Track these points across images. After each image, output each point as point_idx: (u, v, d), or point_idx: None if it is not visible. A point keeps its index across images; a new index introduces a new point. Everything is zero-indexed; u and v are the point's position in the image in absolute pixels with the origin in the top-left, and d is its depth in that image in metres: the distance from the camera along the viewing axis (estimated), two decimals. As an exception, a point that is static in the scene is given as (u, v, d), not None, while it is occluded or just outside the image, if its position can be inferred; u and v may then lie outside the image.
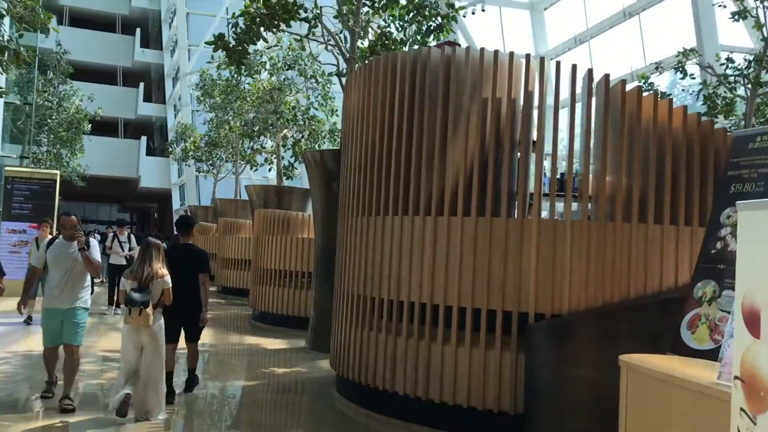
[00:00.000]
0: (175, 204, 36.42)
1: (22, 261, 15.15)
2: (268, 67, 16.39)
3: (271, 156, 17.75)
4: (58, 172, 15.78)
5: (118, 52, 39.64)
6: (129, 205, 57.52)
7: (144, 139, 38.46)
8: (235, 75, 16.42)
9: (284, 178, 16.94)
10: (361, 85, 6.43)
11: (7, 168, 15.61)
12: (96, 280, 11.85)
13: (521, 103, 5.37)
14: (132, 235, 13.30)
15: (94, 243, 5.97)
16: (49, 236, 11.44)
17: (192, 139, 27.75)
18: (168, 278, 5.62)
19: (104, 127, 39.23)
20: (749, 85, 10.35)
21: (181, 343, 6.39)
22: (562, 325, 4.74)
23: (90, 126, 25.14)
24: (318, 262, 9.64)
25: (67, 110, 22.67)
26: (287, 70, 16.31)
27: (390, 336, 5.61)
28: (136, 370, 5.47)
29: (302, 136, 17.44)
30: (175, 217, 35.95)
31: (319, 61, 16.71)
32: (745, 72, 10.32)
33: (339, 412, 6.14)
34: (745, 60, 10.22)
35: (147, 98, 40.21)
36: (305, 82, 16.77)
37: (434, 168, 5.50)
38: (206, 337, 7.89)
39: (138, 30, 40.14)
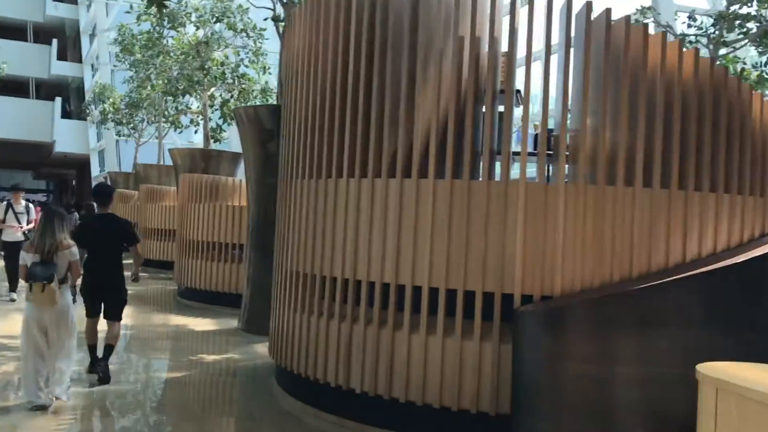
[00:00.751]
0: (95, 170, 34.12)
1: None
2: (193, 19, 14.94)
3: (197, 117, 16.34)
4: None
5: (29, 4, 36.51)
6: (44, 171, 54.06)
7: (59, 100, 35.63)
8: (157, 28, 14.89)
9: (212, 141, 15.61)
10: (305, 27, 5.38)
11: None
12: None
13: (505, 43, 4.48)
14: (31, 205, 10.57)
15: None
16: None
17: (111, 100, 25.81)
18: (75, 249, 5.12)
19: (13, 86, 36.32)
20: (711, 46, 9.83)
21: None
22: (559, 309, 3.93)
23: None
24: (252, 232, 8.59)
25: None
26: (215, 23, 14.92)
27: (344, 323, 4.69)
28: (42, 353, 4.94)
29: (231, 96, 16.13)
30: (95, 185, 33.98)
31: (249, 18, 15.43)
32: (708, 31, 9.77)
33: (282, 411, 5.20)
34: (711, 17, 9.66)
35: (62, 57, 37.29)
36: (234, 37, 15.42)
37: (399, 121, 4.56)
38: (126, 316, 6.98)
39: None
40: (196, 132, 17.52)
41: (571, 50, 4.23)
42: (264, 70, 15.84)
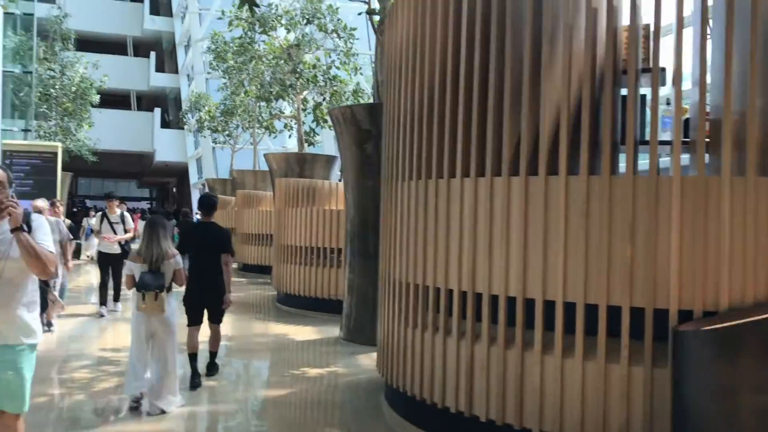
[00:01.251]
0: (193, 178, 35.08)
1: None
2: (284, 22, 14.81)
3: (291, 122, 16.25)
4: (59, 144, 14.46)
5: (128, 20, 38.04)
6: (147, 180, 56.52)
7: (158, 111, 36.93)
8: (248, 33, 14.87)
9: (305, 145, 15.46)
10: (409, 14, 4.89)
11: (4, 142, 14.31)
12: (54, 283, 8.01)
13: (648, 13, 3.82)
14: (126, 214, 10.11)
15: (41, 221, 3.20)
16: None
17: (207, 108, 26.34)
18: (179, 258, 5.23)
19: (116, 100, 37.96)
20: None
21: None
22: (735, 329, 3.24)
23: (98, 97, 23.74)
24: (351, 237, 8.20)
25: (71, 79, 21.24)
26: (306, 24, 14.73)
27: (464, 341, 4.16)
28: (147, 361, 5.06)
29: (324, 99, 15.92)
30: (194, 192, 34.85)
31: (340, 18, 15.16)
32: None
33: (395, 436, 4.73)
34: None
35: (160, 69, 38.65)
36: (325, 38, 15.19)
37: (522, 110, 3.98)
38: (227, 325, 6.92)
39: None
40: (290, 136, 17.42)
41: (734, 17, 3.53)
42: (355, 71, 15.53)
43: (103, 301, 9.48)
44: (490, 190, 4.06)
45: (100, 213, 9.75)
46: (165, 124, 38.17)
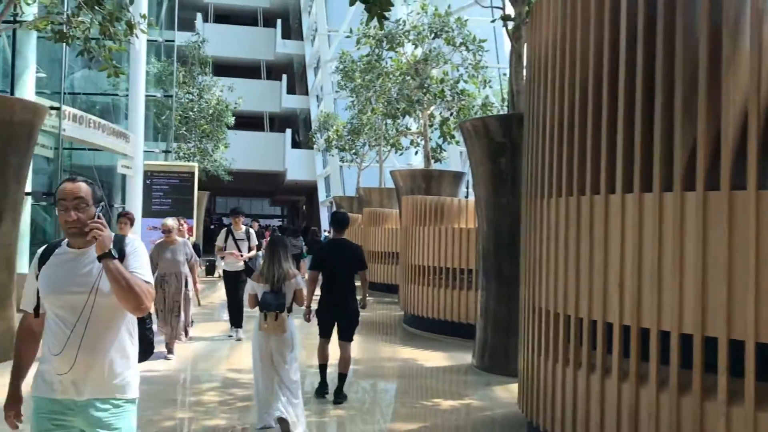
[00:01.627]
0: (321, 196, 35.92)
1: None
2: (411, 37, 14.65)
3: (417, 138, 16.03)
4: (196, 165, 15.05)
5: (261, 45, 39.80)
6: (279, 198, 58.77)
7: (289, 132, 38.28)
8: (376, 50, 14.83)
9: (432, 161, 15.17)
10: (556, 15, 4.42)
11: (145, 162, 15.07)
12: (154, 323, 6.39)
13: None
14: (251, 230, 9.46)
15: (136, 245, 2.57)
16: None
17: (335, 127, 26.82)
18: (300, 278, 5.24)
19: (250, 122, 39.70)
20: None
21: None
22: None
23: (233, 119, 24.77)
24: (484, 257, 7.73)
25: (208, 102, 22.29)
26: (433, 39, 14.49)
27: (626, 383, 3.59)
28: (273, 386, 4.93)
29: (451, 114, 15.58)
30: (321, 209, 35.64)
31: (468, 31, 14.81)
32: None
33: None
34: None
35: (290, 91, 40.09)
36: (453, 51, 14.86)
37: (698, 115, 3.40)
38: (354, 347, 6.72)
39: (279, 21, 40.04)
40: (416, 153, 17.21)
41: None
42: (484, 84, 15.07)
43: (234, 323, 9.28)
44: (658, 207, 3.49)
45: (224, 229, 9.41)
46: (295, 144, 39.43)
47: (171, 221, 7.91)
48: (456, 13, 15.06)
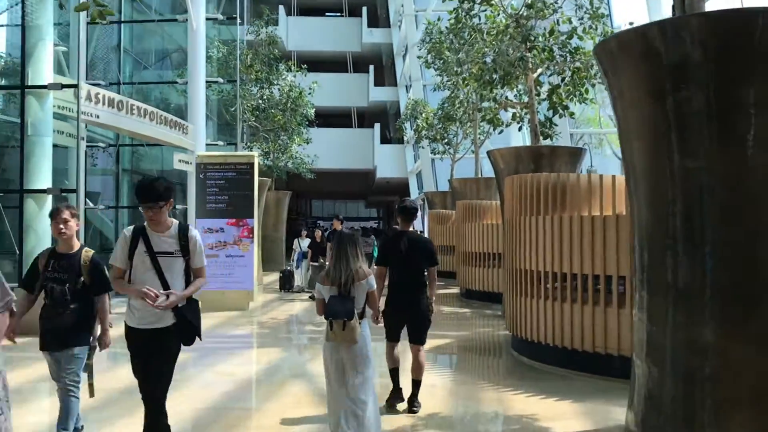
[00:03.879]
0: (413, 193, 33.14)
1: (221, 267, 12.32)
2: (510, -16, 11.66)
3: (521, 111, 12.98)
4: (255, 153, 12.69)
5: (347, 36, 37.48)
6: (373, 199, 56.42)
7: (377, 126, 35.65)
8: (465, 3, 11.91)
9: (541, 138, 12.06)
10: None
11: (198, 154, 12.83)
12: None
13: None
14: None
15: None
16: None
17: (424, 115, 24.07)
18: (372, 279, 4.57)
19: (337, 118, 37.53)
20: None
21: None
22: None
23: (313, 110, 22.45)
24: (645, 259, 4.71)
25: (282, 89, 19.84)
26: (539, -19, 11.43)
27: None
28: (344, 395, 4.34)
29: (562, 80, 12.43)
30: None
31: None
32: None
33: None
34: None
35: (379, 83, 37.53)
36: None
37: None
38: (437, 385, 5.69)
39: (365, 9, 37.55)
40: (520, 128, 13.95)
41: None
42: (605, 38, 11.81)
43: None
44: None
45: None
46: (385, 140, 36.91)
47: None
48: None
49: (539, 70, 12.14)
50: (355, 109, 37.46)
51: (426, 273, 5.57)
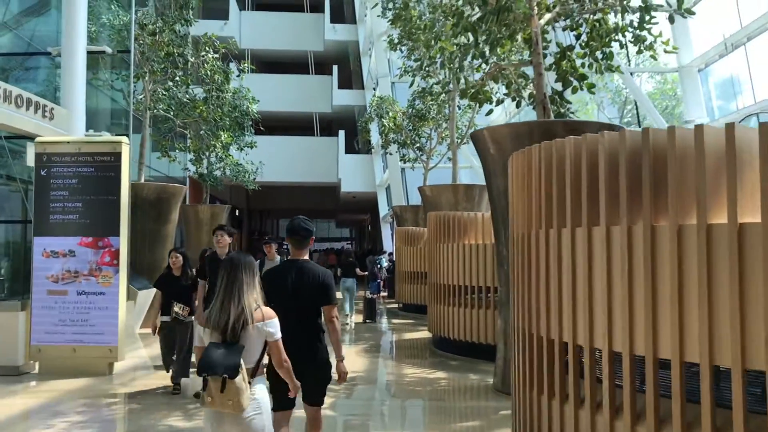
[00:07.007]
0: (382, 209, 29.01)
1: (72, 310, 8.16)
2: None
3: (517, 80, 8.92)
4: (123, 139, 8.51)
5: (308, 34, 33.46)
6: (343, 218, 52.03)
7: (342, 134, 31.44)
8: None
9: (551, 113, 8.02)
10: None
11: (38, 140, 8.62)
12: None
13: None
14: None
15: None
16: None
17: (391, 114, 20.14)
18: (276, 322, 3.37)
19: (296, 124, 33.46)
20: None
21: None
22: None
23: (255, 106, 18.41)
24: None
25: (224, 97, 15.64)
26: None
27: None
28: None
29: (576, 37, 8.55)
30: (383, 227, 28.58)
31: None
32: None
33: None
34: None
35: (344, 85, 33.44)
36: None
37: None
38: None
39: (327, 2, 33.56)
40: (518, 104, 9.59)
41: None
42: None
43: None
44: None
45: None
46: (352, 149, 32.82)
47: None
48: None
49: (547, 16, 8.17)
50: (317, 114, 33.33)
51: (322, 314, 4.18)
